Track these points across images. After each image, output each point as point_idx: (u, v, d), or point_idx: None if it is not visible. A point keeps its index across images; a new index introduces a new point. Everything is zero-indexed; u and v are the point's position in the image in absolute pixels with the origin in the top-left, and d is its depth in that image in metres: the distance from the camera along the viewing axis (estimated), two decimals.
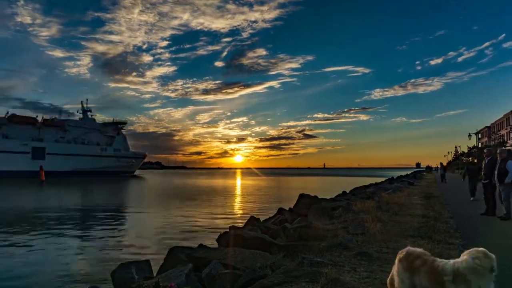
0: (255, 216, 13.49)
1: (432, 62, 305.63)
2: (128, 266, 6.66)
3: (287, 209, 15.83)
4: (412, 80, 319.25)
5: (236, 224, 13.31)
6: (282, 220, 12.90)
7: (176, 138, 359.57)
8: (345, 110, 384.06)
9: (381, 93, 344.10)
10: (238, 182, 74.64)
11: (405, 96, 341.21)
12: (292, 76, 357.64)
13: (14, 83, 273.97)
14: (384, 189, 23.34)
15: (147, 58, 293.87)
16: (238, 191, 48.36)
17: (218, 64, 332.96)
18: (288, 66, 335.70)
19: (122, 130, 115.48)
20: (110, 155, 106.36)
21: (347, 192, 26.06)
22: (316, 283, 4.56)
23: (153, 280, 4.46)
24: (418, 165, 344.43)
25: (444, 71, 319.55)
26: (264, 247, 7.31)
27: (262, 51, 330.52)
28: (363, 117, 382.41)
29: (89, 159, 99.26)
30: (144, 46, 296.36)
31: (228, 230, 10.05)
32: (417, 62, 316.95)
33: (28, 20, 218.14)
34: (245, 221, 13.25)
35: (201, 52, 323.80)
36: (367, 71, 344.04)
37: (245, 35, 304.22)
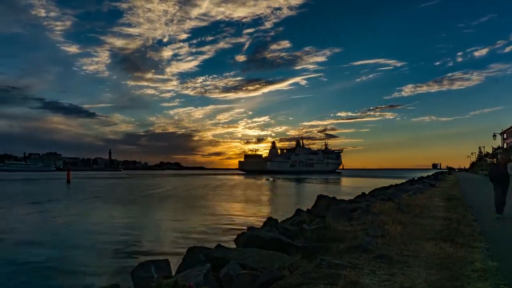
0: (272, 217, 13.45)
1: (476, 54, 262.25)
2: (148, 265, 6.75)
3: (305, 210, 15.72)
4: (449, 74, 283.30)
5: (253, 225, 13.32)
6: (300, 221, 12.82)
7: (196, 138, 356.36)
8: (371, 108, 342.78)
9: (412, 89, 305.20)
10: (254, 183, 74.64)
11: (439, 92, 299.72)
12: (317, 71, 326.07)
13: (30, 82, 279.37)
14: (405, 191, 22.88)
15: (166, 53, 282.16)
16: (254, 192, 48.37)
17: (240, 58, 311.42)
18: (314, 60, 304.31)
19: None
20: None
21: (366, 193, 25.68)
22: (335, 285, 4.50)
23: (172, 280, 4.50)
24: (435, 166, 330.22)
25: (487, 63, 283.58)
26: (282, 248, 7.29)
27: (286, 43, 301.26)
28: (389, 115, 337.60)
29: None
30: (165, 39, 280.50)
31: (245, 230, 10.08)
32: (459, 53, 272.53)
33: (42, 13, 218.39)
34: (263, 221, 13.24)
35: (222, 45, 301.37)
36: (400, 64, 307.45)
37: (268, 25, 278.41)
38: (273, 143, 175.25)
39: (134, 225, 19.11)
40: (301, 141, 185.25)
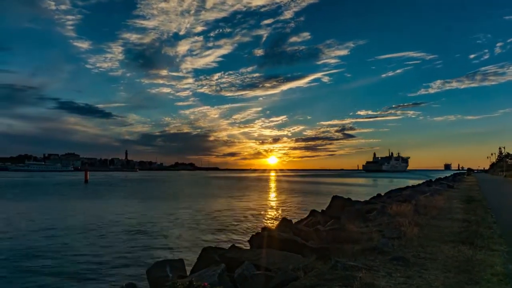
0: (287, 217, 13.42)
1: None
2: (163, 264, 6.82)
3: (320, 211, 15.63)
4: (483, 68, 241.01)
5: (268, 226, 13.32)
6: (314, 222, 12.75)
7: (211, 138, 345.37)
8: (393, 106, 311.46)
9: (441, 85, 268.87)
10: (269, 184, 74.57)
11: (470, 88, 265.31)
12: (339, 66, 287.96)
13: (44, 81, 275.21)
14: (422, 192, 22.48)
15: (182, 48, 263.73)
16: (269, 192, 48.33)
17: (257, 52, 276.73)
18: (336, 53, 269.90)
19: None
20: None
21: (382, 194, 25.36)
22: (350, 287, 4.46)
23: (187, 279, 4.53)
24: (447, 166, 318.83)
25: None
26: (296, 249, 7.26)
27: (306, 35, 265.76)
28: (411, 114, 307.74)
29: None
30: (181, 32, 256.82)
31: (260, 231, 10.08)
32: (499, 44, 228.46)
33: (52, 5, 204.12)
34: (277, 222, 13.22)
35: (239, 38, 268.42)
36: (429, 57, 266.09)
37: (288, 14, 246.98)
38: (374, 154, 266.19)
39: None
40: (390, 152, 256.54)
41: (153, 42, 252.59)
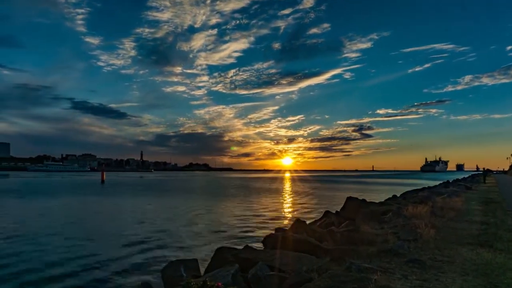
0: (300, 218, 13.37)
1: None
2: (177, 264, 6.89)
3: (334, 212, 15.51)
4: None
5: (281, 226, 13.29)
6: (328, 223, 12.66)
7: (225, 138, 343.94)
8: (415, 104, 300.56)
9: (469, 81, 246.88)
10: (283, 185, 74.43)
11: (501, 85, 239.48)
12: (360, 60, 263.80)
13: (56, 79, 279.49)
14: (439, 193, 22.05)
15: (197, 43, 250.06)
16: (282, 193, 48.21)
17: (275, 46, 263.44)
18: (358, 46, 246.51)
19: None
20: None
21: (398, 195, 25.00)
22: None
23: (201, 279, 4.56)
24: (459, 167, 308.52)
25: None
26: (310, 250, 7.22)
27: (327, 27, 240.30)
28: (433, 112, 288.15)
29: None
30: (196, 25, 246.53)
31: (273, 231, 10.06)
32: None
33: None
34: (291, 223, 13.17)
35: (255, 31, 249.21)
36: (460, 49, 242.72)
37: (308, 3, 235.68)
38: (426, 158, 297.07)
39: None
40: (438, 157, 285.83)
41: (166, 37, 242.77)
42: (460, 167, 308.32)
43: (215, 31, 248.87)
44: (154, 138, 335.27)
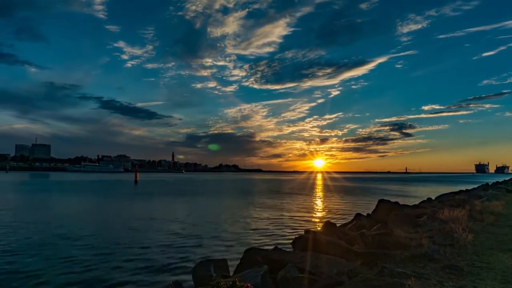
0: (330, 220, 13.18)
1: None
2: (207, 264, 6.98)
3: (365, 215, 15.18)
4: None
5: (311, 228, 13.16)
6: (359, 226, 12.40)
7: (256, 139, 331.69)
8: (468, 98, 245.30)
9: None
10: (313, 187, 73.71)
11: None
12: (411, 45, 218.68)
13: (81, 76, 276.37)
14: (477, 196, 21.07)
15: (228, 29, 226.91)
16: (312, 195, 47.72)
17: (314, 27, 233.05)
18: (410, 27, 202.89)
19: None
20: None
21: (433, 198, 24.11)
22: None
23: (230, 279, 4.60)
24: (480, 168, 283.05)
25: None
26: (340, 253, 7.10)
27: (375, 2, 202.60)
28: (487, 107, 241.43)
29: None
30: (229, 5, 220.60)
31: (303, 233, 9.98)
32: None
33: None
34: (321, 225, 13.02)
35: (293, 13, 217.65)
36: None
37: None
38: (480, 162, 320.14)
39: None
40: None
41: (194, 20, 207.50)
42: (480, 169, 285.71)
43: (243, 12, 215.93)
44: (184, 139, 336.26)
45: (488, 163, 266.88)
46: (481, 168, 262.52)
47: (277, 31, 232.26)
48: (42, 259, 12.03)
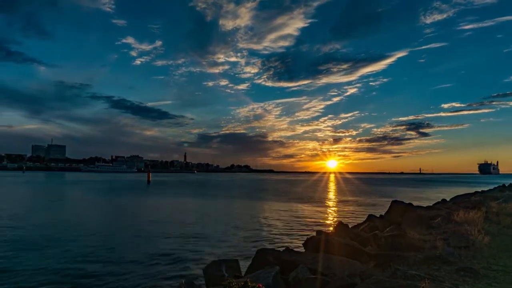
0: (343, 221, 13.08)
1: None
2: (219, 264, 7.00)
3: (378, 216, 15.02)
4: None
5: (322, 229, 13.08)
6: (372, 227, 12.28)
7: (268, 139, 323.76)
8: (493, 95, 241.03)
9: None
10: (325, 188, 73.29)
11: None
12: (435, 37, 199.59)
13: (90, 75, 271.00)
14: (493, 198, 20.64)
15: (241, 21, 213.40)
16: (324, 196, 47.44)
17: (330, 17, 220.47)
18: (433, 18, 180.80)
19: None
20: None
21: (447, 200, 23.72)
22: None
23: (242, 280, 4.60)
24: (484, 169, 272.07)
25: None
26: (352, 255, 7.05)
27: None
28: (510, 105, 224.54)
29: None
30: None
31: (315, 234, 9.93)
32: None
33: None
34: (332, 226, 12.93)
35: (310, 1, 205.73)
36: None
37: None
38: (486, 160, 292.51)
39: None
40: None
41: (205, 12, 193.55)
42: (485, 169, 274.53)
43: (260, 2, 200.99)
44: (196, 139, 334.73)
45: (498, 162, 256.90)
46: (485, 169, 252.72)
47: (291, 23, 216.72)
48: (60, 254, 12.26)
